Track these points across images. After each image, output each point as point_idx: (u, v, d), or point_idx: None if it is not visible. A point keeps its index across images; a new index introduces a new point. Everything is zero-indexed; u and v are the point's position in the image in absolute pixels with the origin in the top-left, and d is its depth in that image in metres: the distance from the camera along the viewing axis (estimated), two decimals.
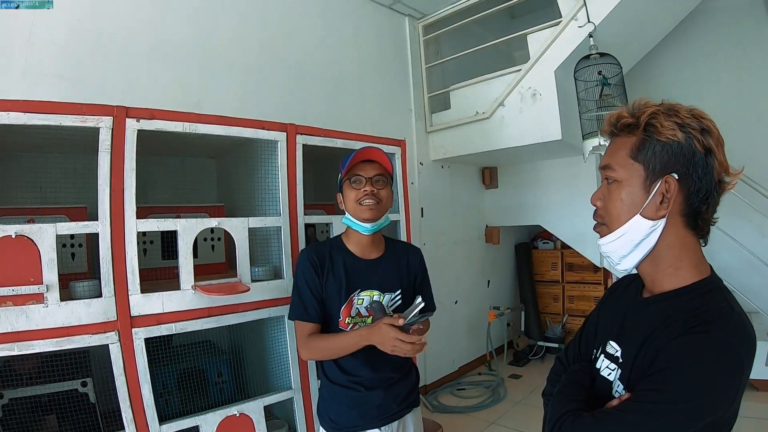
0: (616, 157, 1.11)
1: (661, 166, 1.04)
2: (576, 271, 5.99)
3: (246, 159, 2.70)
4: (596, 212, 1.18)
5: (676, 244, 1.07)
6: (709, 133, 1.03)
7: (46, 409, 2.10)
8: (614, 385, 1.12)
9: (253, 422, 2.30)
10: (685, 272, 1.07)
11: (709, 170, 1.02)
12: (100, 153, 1.96)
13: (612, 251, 1.14)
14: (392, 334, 1.73)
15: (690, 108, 1.06)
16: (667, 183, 1.03)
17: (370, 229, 1.95)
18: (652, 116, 1.05)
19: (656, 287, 1.12)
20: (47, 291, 1.83)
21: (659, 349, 1.00)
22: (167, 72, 3.03)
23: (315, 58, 3.92)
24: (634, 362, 1.07)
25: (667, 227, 1.06)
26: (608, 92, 3.52)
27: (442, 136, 4.91)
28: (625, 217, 1.09)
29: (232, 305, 2.28)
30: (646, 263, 1.11)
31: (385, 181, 1.98)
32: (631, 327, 1.14)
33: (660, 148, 1.04)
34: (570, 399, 1.14)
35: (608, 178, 1.14)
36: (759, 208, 4.53)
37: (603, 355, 1.20)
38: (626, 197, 1.09)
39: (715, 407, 0.94)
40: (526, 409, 4.39)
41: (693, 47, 5.43)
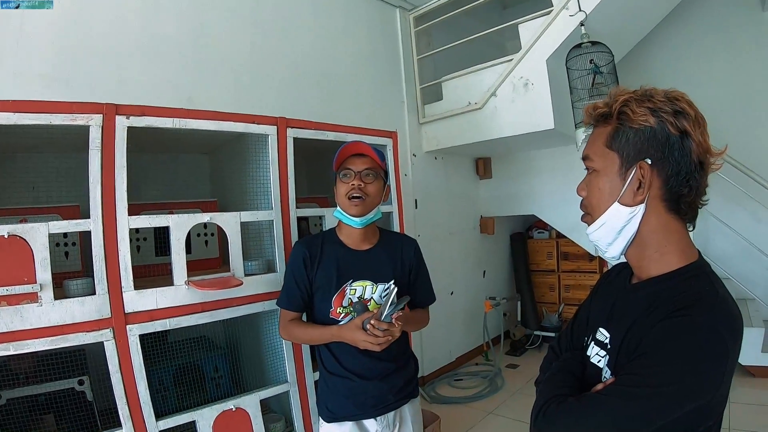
0: (593, 147, 1.13)
1: (635, 152, 1.05)
2: (571, 260, 6.01)
3: (238, 154, 2.70)
4: (582, 202, 1.20)
5: (660, 230, 1.07)
6: (683, 114, 1.02)
7: (44, 408, 2.10)
8: (603, 372, 1.13)
9: (250, 416, 2.30)
10: (670, 257, 1.07)
11: (687, 152, 1.02)
12: (91, 151, 1.96)
13: (598, 239, 1.15)
14: (360, 336, 1.81)
15: (666, 91, 1.06)
16: (642, 169, 1.04)
17: (359, 222, 1.97)
18: (624, 104, 1.05)
19: (643, 273, 1.12)
20: (41, 290, 1.83)
21: (643, 333, 1.00)
22: (158, 69, 3.02)
23: (306, 51, 3.91)
24: (620, 348, 1.07)
25: (648, 213, 1.06)
26: (600, 81, 3.53)
27: (435, 128, 4.91)
28: (605, 206, 1.10)
29: (226, 300, 2.28)
30: (632, 249, 1.12)
31: (375, 176, 1.99)
32: (618, 313, 1.15)
33: (633, 135, 1.05)
34: (557, 385, 1.15)
35: (588, 168, 1.16)
36: (753, 194, 4.55)
37: (593, 343, 1.20)
38: (604, 186, 1.10)
39: (699, 392, 0.94)
40: (523, 399, 4.41)
41: (685, 35, 5.44)
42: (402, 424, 2.07)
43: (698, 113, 1.03)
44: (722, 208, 4.85)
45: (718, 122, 4.99)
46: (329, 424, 2.00)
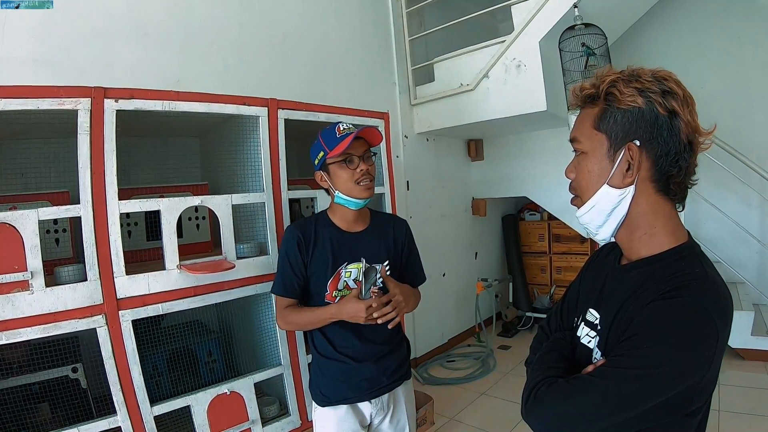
0: (581, 128, 1.12)
1: (624, 133, 1.03)
2: (563, 242, 6.03)
3: (229, 136, 2.68)
4: (570, 185, 1.19)
5: (649, 211, 1.06)
6: (671, 94, 1.00)
7: (38, 397, 2.09)
8: (594, 353, 1.13)
9: (244, 400, 2.31)
10: (660, 238, 1.07)
11: (675, 132, 1.00)
12: (79, 135, 1.94)
13: (588, 222, 1.14)
14: (361, 306, 1.81)
15: (654, 71, 1.04)
16: (631, 150, 1.03)
17: (362, 204, 1.97)
18: (611, 84, 1.04)
19: (633, 254, 1.12)
20: (32, 278, 1.81)
21: (634, 314, 1.00)
22: (146, 51, 2.96)
23: (296, 32, 3.86)
24: (610, 329, 1.07)
25: (637, 194, 1.05)
26: (593, 63, 3.51)
27: (427, 109, 4.87)
28: (594, 188, 1.09)
29: (218, 283, 2.28)
30: (622, 231, 1.11)
31: (372, 156, 2.00)
32: (608, 294, 1.15)
33: (621, 116, 1.03)
34: (548, 366, 1.14)
35: (576, 150, 1.15)
36: (745, 179, 4.58)
37: (583, 323, 1.20)
38: (593, 168, 1.09)
39: (690, 373, 0.94)
40: (515, 380, 4.45)
41: (679, 18, 5.43)
42: (396, 405, 2.08)
43: (686, 92, 1.02)
44: (713, 192, 4.89)
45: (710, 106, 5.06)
46: (323, 407, 2.00)
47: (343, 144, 1.86)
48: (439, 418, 3.78)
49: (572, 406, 1.00)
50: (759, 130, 4.99)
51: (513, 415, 3.76)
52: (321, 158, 1.95)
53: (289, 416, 2.50)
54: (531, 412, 1.06)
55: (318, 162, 1.97)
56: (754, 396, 3.67)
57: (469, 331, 5.69)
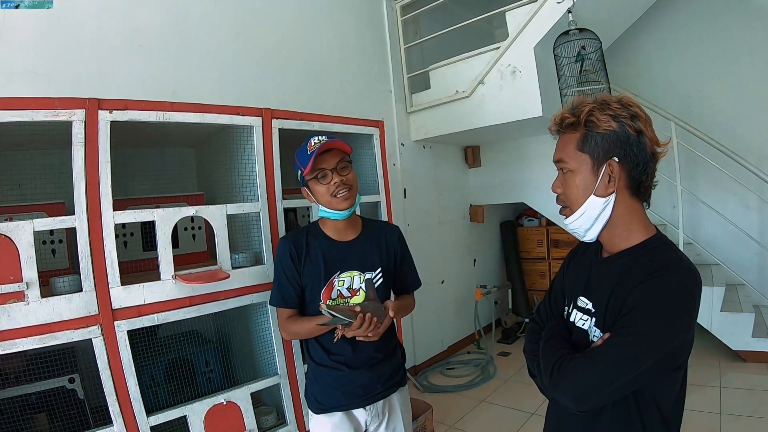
0: (566, 150, 1.33)
1: (604, 152, 1.26)
2: (562, 248, 6.02)
3: (224, 146, 2.68)
4: (558, 198, 1.39)
5: (626, 212, 1.30)
6: (637, 117, 1.23)
7: (35, 408, 2.09)
8: (590, 332, 1.33)
9: (241, 410, 2.31)
10: (636, 233, 1.30)
11: (643, 147, 1.24)
12: (74, 146, 1.94)
13: (577, 227, 1.36)
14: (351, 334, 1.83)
15: (618, 98, 1.28)
16: (611, 166, 1.25)
17: (347, 214, 1.98)
18: (590, 113, 1.26)
19: (614, 248, 1.34)
20: (28, 288, 1.81)
21: (626, 294, 1.21)
22: (142, 62, 2.98)
23: (291, 41, 3.88)
24: (606, 309, 1.28)
25: (617, 200, 1.28)
26: (588, 68, 3.52)
27: (423, 116, 4.89)
28: (582, 199, 1.31)
29: (214, 293, 2.27)
30: (605, 231, 1.33)
31: (348, 163, 1.99)
32: (596, 282, 1.36)
33: (600, 139, 1.25)
34: (559, 347, 1.32)
35: (563, 169, 1.35)
36: (743, 181, 4.59)
37: (575, 310, 1.41)
38: (580, 183, 1.30)
39: (676, 334, 1.17)
40: (516, 387, 4.44)
41: (673, 22, 5.45)
42: (391, 412, 2.08)
43: (646, 114, 1.26)
44: (712, 194, 4.89)
45: (707, 109, 5.09)
46: (318, 415, 2.01)
47: (311, 161, 1.89)
48: (439, 426, 3.77)
49: (592, 373, 1.18)
50: (756, 132, 4.99)
51: (514, 422, 3.76)
52: (300, 176, 1.98)
53: (287, 426, 2.49)
54: (558, 385, 1.25)
55: (300, 179, 2.00)
56: (756, 398, 3.67)
57: (469, 338, 5.68)
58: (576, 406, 1.23)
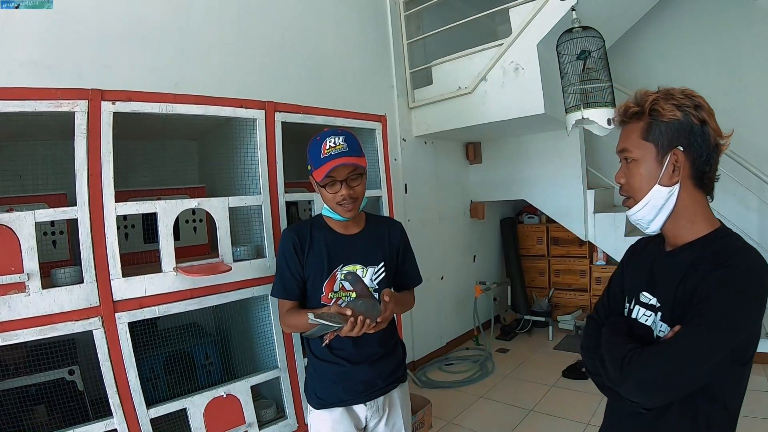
0: (630, 140, 1.34)
1: (668, 141, 1.26)
2: (561, 245, 6.04)
3: (226, 139, 2.67)
4: (621, 188, 1.40)
5: (690, 203, 1.30)
6: (701, 107, 1.24)
7: (35, 399, 2.08)
8: (655, 328, 1.33)
9: (241, 403, 2.30)
10: (700, 225, 1.30)
11: (707, 137, 1.25)
12: (77, 137, 1.93)
13: (640, 218, 1.37)
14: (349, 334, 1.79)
15: (682, 89, 1.29)
16: (676, 155, 1.26)
17: (348, 219, 1.99)
18: (654, 102, 1.27)
19: (678, 241, 1.34)
20: (28, 279, 1.80)
21: (695, 286, 1.21)
22: (144, 54, 2.97)
23: (294, 35, 3.87)
24: (673, 303, 1.27)
25: (681, 190, 1.29)
26: (591, 66, 3.51)
27: (425, 112, 4.89)
28: (646, 188, 1.31)
29: (215, 286, 2.27)
30: (669, 222, 1.33)
31: (360, 175, 1.95)
32: (661, 276, 1.36)
33: (665, 128, 1.26)
34: (626, 342, 1.30)
35: (627, 158, 1.36)
36: (743, 182, 4.58)
37: (638, 306, 1.41)
38: (644, 172, 1.31)
39: (749, 322, 1.18)
40: (514, 383, 4.45)
41: (676, 21, 5.44)
42: (391, 408, 2.08)
43: (709, 105, 1.27)
44: None
45: None
46: (318, 410, 2.01)
47: (324, 169, 1.85)
48: (437, 421, 3.78)
49: (665, 365, 1.17)
50: (757, 133, 4.98)
51: (512, 419, 3.77)
52: (310, 170, 1.95)
53: (286, 419, 2.49)
54: (629, 378, 1.22)
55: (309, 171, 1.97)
56: (753, 398, 3.64)
57: (468, 335, 5.69)
58: (645, 400, 1.21)
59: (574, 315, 5.71)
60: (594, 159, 5.59)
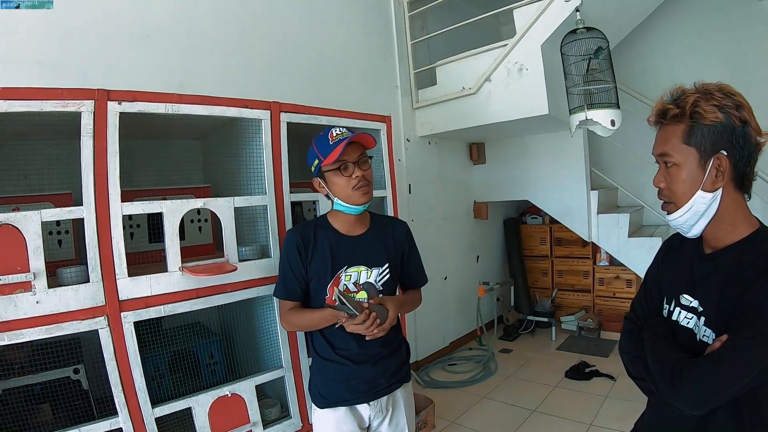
0: (670, 144, 1.28)
1: (711, 145, 1.22)
2: (565, 246, 6.03)
3: (231, 139, 2.68)
4: (661, 192, 1.36)
5: (732, 206, 1.26)
6: (742, 106, 1.20)
7: (40, 398, 2.09)
8: (698, 332, 1.30)
9: (246, 402, 2.31)
10: (741, 227, 1.27)
11: (748, 138, 1.21)
12: (83, 137, 1.93)
13: (682, 223, 1.32)
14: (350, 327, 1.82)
15: (718, 85, 1.24)
16: (719, 159, 1.22)
17: (362, 209, 1.98)
18: (695, 104, 1.22)
19: (719, 243, 1.30)
20: (34, 279, 1.81)
21: (740, 293, 1.18)
22: (149, 54, 2.98)
23: (298, 35, 3.87)
24: (718, 308, 1.24)
25: (723, 194, 1.25)
26: (595, 66, 3.51)
27: (429, 113, 4.89)
28: (689, 194, 1.27)
29: (220, 285, 2.27)
30: (710, 226, 1.29)
31: (367, 159, 1.98)
32: (702, 279, 1.32)
33: (707, 131, 1.21)
34: (673, 350, 1.29)
35: (667, 163, 1.30)
36: None
37: (678, 308, 1.38)
38: (687, 177, 1.26)
39: None
40: (517, 383, 4.45)
41: (681, 22, 5.40)
42: (394, 408, 2.08)
43: (748, 102, 1.22)
44: None
45: None
46: (322, 409, 2.01)
47: (335, 152, 1.85)
48: (440, 421, 3.78)
49: (714, 376, 1.15)
50: None
51: (515, 419, 3.77)
52: (316, 165, 1.95)
53: (291, 419, 2.49)
54: (681, 391, 1.19)
55: (314, 169, 1.97)
56: None
57: (471, 335, 5.69)
58: (696, 410, 1.20)
59: (577, 315, 5.70)
60: (597, 160, 5.59)
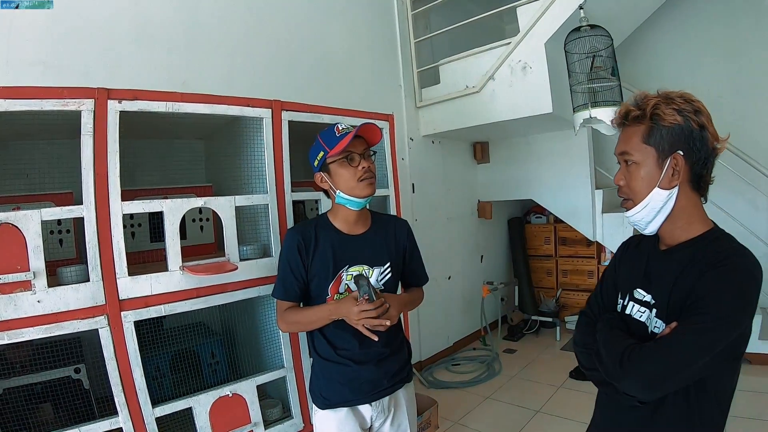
0: (630, 143, 1.37)
1: (669, 145, 1.30)
2: (569, 246, 6.00)
3: (233, 138, 2.67)
4: (620, 190, 1.44)
5: (688, 205, 1.34)
6: (700, 112, 1.28)
7: (41, 397, 2.09)
8: (650, 324, 1.37)
9: (247, 402, 2.30)
10: (696, 225, 1.35)
11: (705, 142, 1.28)
12: (83, 136, 1.93)
13: (639, 220, 1.40)
14: (354, 309, 1.81)
15: (680, 93, 1.32)
16: (676, 159, 1.30)
17: (364, 203, 1.97)
18: (655, 107, 1.29)
19: (674, 240, 1.38)
20: (34, 278, 1.81)
21: (692, 284, 1.25)
22: (152, 53, 2.97)
23: (302, 34, 3.86)
24: (669, 300, 1.31)
25: (679, 193, 1.32)
26: (599, 65, 3.49)
27: (432, 112, 4.87)
28: (646, 191, 1.35)
29: (221, 285, 2.27)
30: (666, 224, 1.37)
31: (372, 154, 2.00)
32: (657, 274, 1.39)
33: (666, 132, 1.29)
34: (621, 338, 1.35)
35: (627, 161, 1.39)
36: (751, 181, 4.55)
37: (632, 302, 1.44)
38: (645, 175, 1.34)
39: (743, 319, 1.22)
40: (521, 384, 4.43)
41: (686, 20, 5.38)
42: (397, 409, 2.07)
43: (707, 108, 1.30)
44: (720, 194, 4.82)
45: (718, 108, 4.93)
46: (324, 410, 2.00)
47: (343, 142, 1.86)
48: (443, 421, 3.77)
49: (664, 361, 1.20)
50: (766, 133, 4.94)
51: (519, 420, 3.75)
52: (321, 158, 1.94)
53: (292, 419, 2.49)
54: (629, 373, 1.25)
55: (318, 163, 1.97)
56: (762, 401, 3.64)
57: (475, 335, 5.67)
58: (644, 394, 1.25)
59: None
60: (602, 159, 5.55)
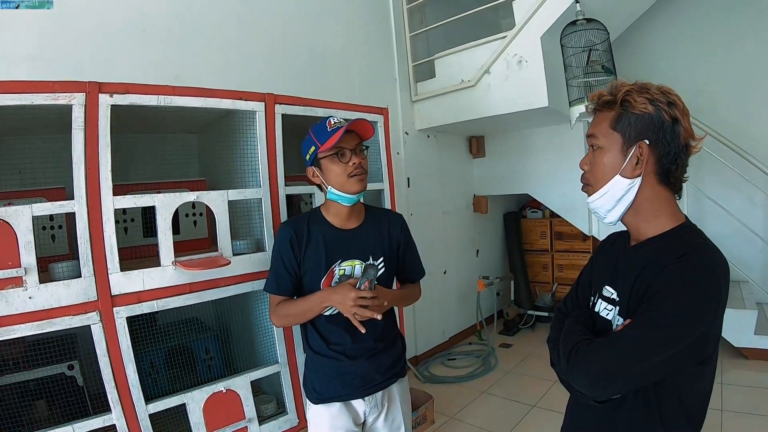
0: (599, 127, 1.33)
1: (636, 133, 1.26)
2: (565, 240, 6.01)
3: (226, 132, 2.66)
4: (583, 175, 1.40)
5: (653, 198, 1.29)
6: (674, 105, 1.23)
7: (35, 394, 2.09)
8: (614, 321, 1.32)
9: (241, 398, 2.29)
10: (663, 220, 1.29)
11: (676, 136, 1.23)
12: (74, 130, 1.92)
13: (598, 207, 1.36)
14: (352, 294, 1.79)
15: (659, 86, 1.28)
16: (641, 148, 1.25)
17: (356, 199, 1.95)
18: (627, 93, 1.26)
19: (641, 235, 1.33)
20: (26, 274, 1.79)
21: (650, 279, 1.20)
22: (145, 47, 2.94)
23: (296, 27, 3.84)
24: (630, 296, 1.27)
25: (643, 184, 1.28)
26: (595, 58, 3.48)
27: (428, 105, 4.85)
28: (607, 177, 1.31)
29: (214, 280, 2.26)
30: (629, 215, 1.33)
31: (364, 149, 1.98)
32: (622, 271, 1.35)
33: (634, 119, 1.25)
34: (578, 333, 1.31)
35: (593, 146, 1.35)
36: (749, 177, 4.55)
37: (600, 299, 1.41)
38: (608, 161, 1.30)
39: (703, 320, 1.13)
40: (517, 378, 4.43)
41: (683, 15, 5.40)
42: (390, 403, 2.06)
43: (684, 105, 1.26)
44: (718, 190, 4.86)
45: (715, 103, 5.04)
46: (316, 405, 1.99)
47: (334, 137, 1.84)
48: (439, 416, 3.76)
49: (611, 356, 1.17)
50: (764, 129, 4.95)
51: (515, 414, 3.75)
52: (312, 153, 1.93)
53: (287, 415, 2.48)
54: (575, 367, 1.23)
55: (309, 157, 1.95)
56: (757, 395, 3.65)
57: (471, 329, 5.67)
58: (592, 392, 1.22)
59: None
60: None
